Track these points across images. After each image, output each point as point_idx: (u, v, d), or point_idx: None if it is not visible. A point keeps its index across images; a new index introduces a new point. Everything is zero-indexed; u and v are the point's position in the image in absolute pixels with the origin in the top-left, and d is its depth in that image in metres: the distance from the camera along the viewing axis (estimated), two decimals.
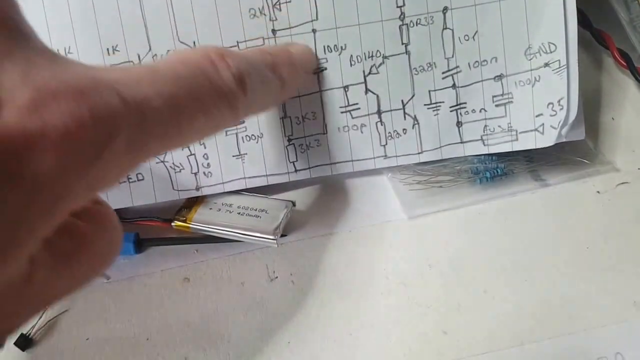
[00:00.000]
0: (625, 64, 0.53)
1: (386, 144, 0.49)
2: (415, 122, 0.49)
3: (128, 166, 0.26)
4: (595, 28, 0.55)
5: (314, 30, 0.47)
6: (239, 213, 0.47)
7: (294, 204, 0.48)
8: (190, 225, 0.46)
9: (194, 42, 0.47)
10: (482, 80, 0.48)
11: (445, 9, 0.47)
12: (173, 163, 0.48)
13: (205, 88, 0.31)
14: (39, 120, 0.21)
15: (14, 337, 0.44)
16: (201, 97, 0.31)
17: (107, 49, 0.47)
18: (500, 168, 0.48)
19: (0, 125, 0.20)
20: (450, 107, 0.49)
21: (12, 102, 0.21)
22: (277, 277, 0.46)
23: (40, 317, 0.45)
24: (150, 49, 0.47)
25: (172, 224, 0.47)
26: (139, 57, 0.47)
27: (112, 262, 0.29)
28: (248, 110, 0.36)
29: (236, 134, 0.48)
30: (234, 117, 0.34)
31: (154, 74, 0.28)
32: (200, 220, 0.47)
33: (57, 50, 0.46)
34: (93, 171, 0.23)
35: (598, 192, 0.48)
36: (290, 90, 0.45)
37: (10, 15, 0.23)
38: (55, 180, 0.22)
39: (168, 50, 0.47)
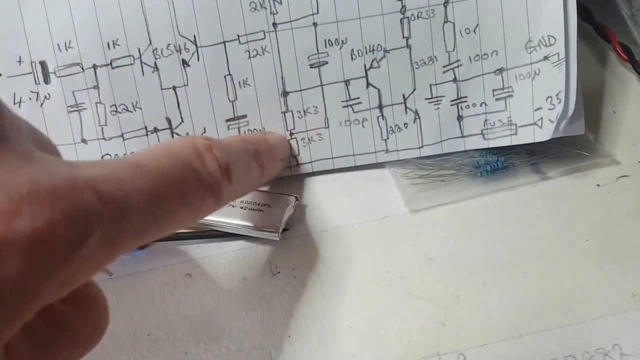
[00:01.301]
0: (626, 57, 0.55)
1: (387, 138, 0.51)
2: (417, 117, 0.51)
3: (103, 263, 0.26)
4: (597, 22, 0.57)
5: (314, 24, 0.49)
6: (241, 207, 0.48)
7: (297, 198, 0.49)
8: None
9: (194, 36, 0.48)
10: (482, 74, 0.50)
11: (446, 2, 0.48)
12: None
13: (191, 181, 0.33)
14: (5, 227, 0.21)
15: None
16: (185, 190, 0.32)
17: (108, 43, 0.49)
18: (501, 161, 0.50)
19: None
20: (451, 101, 0.50)
21: None
22: (279, 272, 0.47)
23: None
24: (150, 43, 0.49)
25: None
26: (139, 51, 0.49)
27: (96, 344, 0.29)
28: (230, 197, 0.38)
29: (238, 128, 0.50)
30: (215, 206, 0.35)
31: (137, 169, 0.29)
32: None
33: (58, 44, 0.49)
34: (64, 271, 0.23)
35: (598, 185, 0.49)
36: (269, 176, 0.47)
37: None
38: (21, 283, 0.22)
39: (168, 45, 0.49)
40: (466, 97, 0.50)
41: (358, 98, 0.51)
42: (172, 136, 0.51)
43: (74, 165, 0.26)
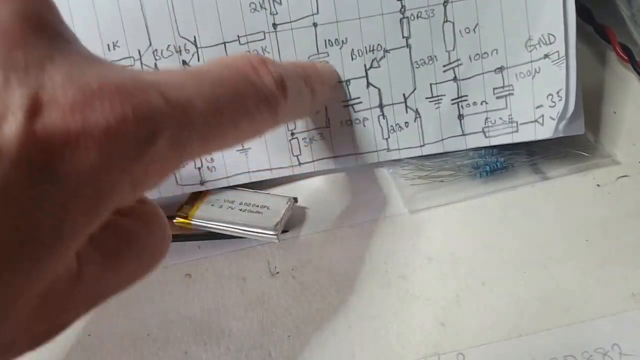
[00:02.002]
0: (626, 58, 0.55)
1: (389, 137, 0.52)
2: (417, 116, 0.51)
3: (171, 166, 0.27)
4: (597, 22, 0.57)
5: (314, 24, 0.49)
6: (240, 209, 0.49)
7: (295, 200, 0.50)
8: (192, 222, 0.49)
9: (195, 37, 0.49)
10: (483, 73, 0.50)
11: (445, 2, 0.49)
12: None
13: (249, 91, 0.34)
14: (81, 119, 0.22)
15: None
16: (244, 100, 0.33)
17: (108, 45, 0.49)
18: (500, 162, 0.50)
19: (41, 125, 0.22)
20: (452, 100, 0.51)
21: (55, 103, 0.22)
22: (278, 272, 0.48)
23: None
24: (150, 44, 0.49)
25: (174, 220, 0.49)
26: (139, 52, 0.49)
27: (160, 261, 0.31)
28: (286, 116, 0.38)
29: None
30: (274, 121, 0.36)
31: (197, 77, 0.30)
32: (201, 217, 0.49)
33: None
34: (137, 169, 0.25)
35: (598, 185, 0.50)
36: (318, 102, 0.48)
37: (51, 20, 0.25)
38: (97, 177, 0.23)
39: (168, 46, 0.49)
40: (467, 95, 0.51)
41: (359, 98, 0.51)
42: None
43: (136, 70, 0.27)
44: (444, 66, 0.51)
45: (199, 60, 0.50)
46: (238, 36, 0.50)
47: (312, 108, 0.47)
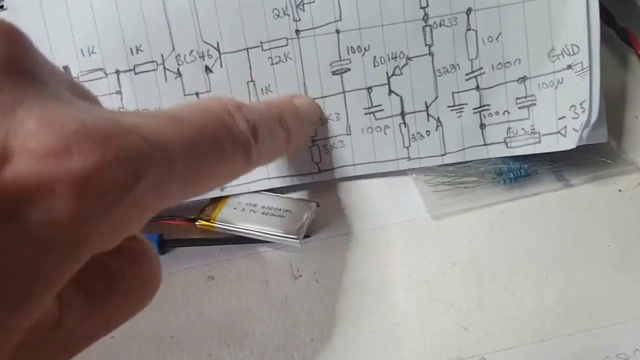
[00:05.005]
0: None
1: (409, 145, 0.53)
2: (439, 124, 0.53)
3: (151, 211, 0.26)
4: (619, 26, 0.58)
5: (337, 31, 0.51)
6: (263, 213, 0.50)
7: (317, 204, 0.51)
8: (215, 225, 0.50)
9: (217, 43, 0.51)
10: (505, 82, 0.52)
11: (469, 10, 0.50)
12: None
13: (225, 136, 0.34)
14: (55, 166, 0.22)
15: None
16: (221, 145, 0.34)
17: (131, 49, 0.51)
18: (524, 169, 0.52)
19: (10, 174, 0.21)
20: (474, 109, 0.52)
21: (26, 149, 0.22)
22: (300, 276, 0.50)
23: None
24: (173, 49, 0.51)
25: (196, 223, 0.51)
26: (162, 57, 0.51)
27: (149, 300, 0.30)
28: (259, 160, 0.39)
29: None
30: (247, 166, 0.37)
31: (176, 121, 0.30)
32: (224, 220, 0.50)
33: (81, 49, 0.51)
34: (116, 215, 0.24)
35: (620, 190, 0.51)
36: (296, 142, 0.48)
37: (22, 60, 0.24)
38: (74, 226, 0.22)
39: (191, 51, 0.51)
40: (489, 105, 0.52)
41: (380, 105, 0.53)
42: None
43: (117, 112, 0.26)
44: (466, 75, 0.52)
45: (221, 65, 0.51)
46: (261, 42, 0.51)
47: (289, 147, 0.47)
